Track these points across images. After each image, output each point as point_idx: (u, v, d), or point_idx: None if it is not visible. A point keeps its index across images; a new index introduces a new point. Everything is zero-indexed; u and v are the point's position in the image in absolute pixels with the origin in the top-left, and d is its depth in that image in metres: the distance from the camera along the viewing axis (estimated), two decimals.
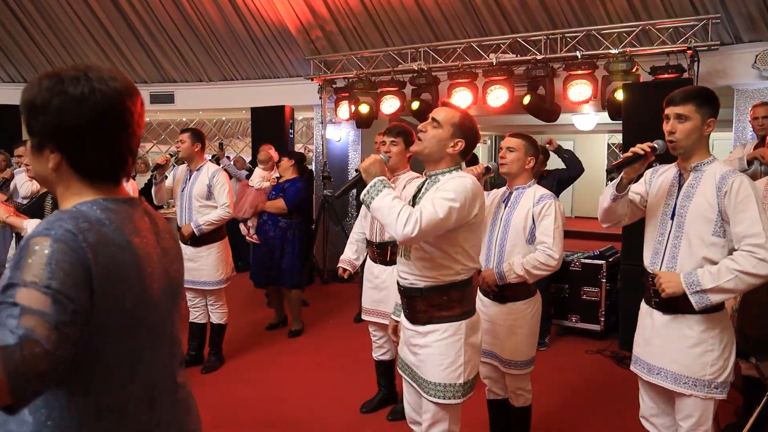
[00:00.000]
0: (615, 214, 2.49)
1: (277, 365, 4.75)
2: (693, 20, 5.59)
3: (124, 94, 1.17)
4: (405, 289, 2.39)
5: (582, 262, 5.42)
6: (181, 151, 4.40)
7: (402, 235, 2.07)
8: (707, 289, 2.17)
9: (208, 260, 4.42)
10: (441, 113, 2.33)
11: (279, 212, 5.37)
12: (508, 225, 2.98)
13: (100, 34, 8.38)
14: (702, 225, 2.24)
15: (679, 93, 2.30)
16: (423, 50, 6.78)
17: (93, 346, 1.07)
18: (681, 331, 2.29)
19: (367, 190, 2.18)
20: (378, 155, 2.28)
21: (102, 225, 1.12)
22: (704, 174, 2.29)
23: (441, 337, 2.30)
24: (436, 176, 2.35)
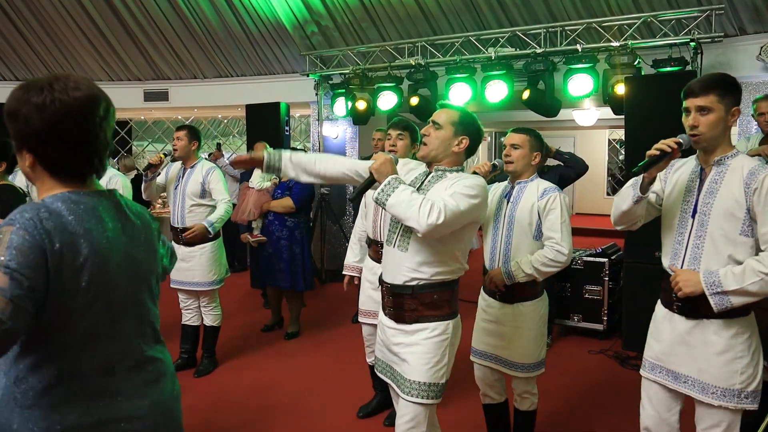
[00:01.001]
0: (634, 216, 2.33)
1: (272, 369, 4.64)
2: (696, 11, 5.46)
3: (84, 102, 1.31)
4: (393, 287, 2.31)
5: (584, 260, 5.29)
6: (178, 149, 4.29)
7: (426, 225, 2.03)
8: (729, 291, 2.00)
9: (201, 260, 4.30)
10: (441, 115, 2.33)
11: (286, 211, 5.21)
12: (513, 221, 2.87)
13: (92, 32, 8.25)
14: (727, 223, 2.07)
15: (698, 83, 2.13)
16: (420, 45, 6.65)
17: (53, 319, 1.25)
18: (706, 338, 2.12)
19: (382, 189, 2.12)
20: (388, 155, 2.22)
21: (61, 215, 1.28)
22: (728, 168, 2.12)
23: (429, 336, 2.25)
24: (444, 172, 2.33)
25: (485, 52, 6.27)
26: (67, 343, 1.29)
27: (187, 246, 4.31)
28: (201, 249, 4.31)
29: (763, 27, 5.66)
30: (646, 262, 4.86)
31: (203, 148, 10.94)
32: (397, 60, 6.77)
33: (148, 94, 8.97)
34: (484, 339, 2.98)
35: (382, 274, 2.40)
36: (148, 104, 9.08)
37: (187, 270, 4.31)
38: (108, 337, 1.34)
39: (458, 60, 6.37)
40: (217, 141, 9.57)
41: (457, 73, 6.35)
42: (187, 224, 4.27)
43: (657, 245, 4.90)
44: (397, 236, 2.31)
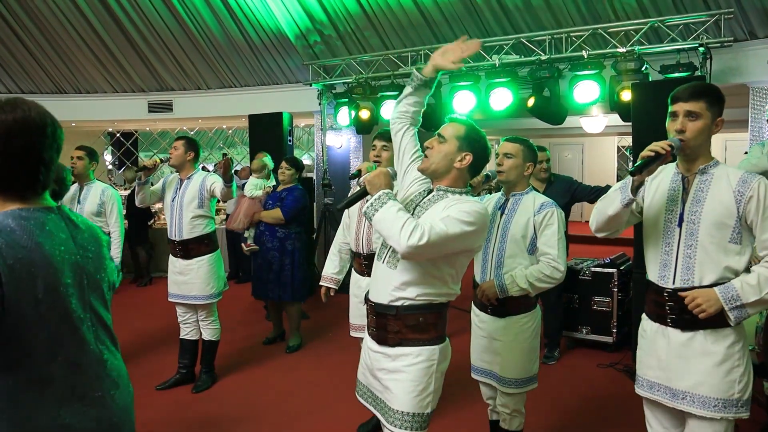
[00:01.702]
0: (620, 221, 2.26)
1: (272, 384, 4.53)
2: (704, 16, 5.35)
3: (28, 123, 1.39)
4: (377, 306, 2.19)
5: (592, 271, 5.16)
6: (173, 158, 4.24)
7: (406, 246, 1.91)
8: (748, 303, 2.01)
9: (199, 273, 4.22)
10: (447, 129, 2.22)
11: (276, 222, 5.15)
12: (506, 234, 2.80)
13: (96, 44, 8.25)
14: (718, 231, 2.06)
15: (687, 88, 2.11)
16: (424, 53, 6.57)
17: (13, 330, 1.32)
18: (706, 349, 2.08)
19: (371, 203, 2.03)
20: (385, 168, 2.14)
21: (12, 231, 1.35)
22: (713, 177, 2.12)
23: (413, 362, 2.12)
24: (446, 192, 2.20)
25: (489, 59, 6.19)
26: (32, 349, 1.36)
27: (184, 259, 4.23)
28: (198, 262, 4.23)
29: None
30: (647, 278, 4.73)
31: (209, 159, 10.94)
32: (400, 68, 6.69)
33: (153, 105, 8.95)
34: (481, 355, 2.90)
35: (368, 291, 2.30)
36: (152, 115, 9.06)
37: (184, 283, 4.23)
38: (70, 343, 1.42)
39: (462, 67, 6.28)
40: (222, 152, 9.52)
41: (461, 80, 6.27)
42: (184, 236, 4.20)
43: None
44: (388, 252, 2.21)
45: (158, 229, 8.29)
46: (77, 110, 9.15)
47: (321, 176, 7.70)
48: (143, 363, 4.99)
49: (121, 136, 10.70)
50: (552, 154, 14.90)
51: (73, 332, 1.43)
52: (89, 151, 4.55)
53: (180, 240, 4.22)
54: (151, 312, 6.54)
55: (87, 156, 4.48)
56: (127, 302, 7.29)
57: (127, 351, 5.26)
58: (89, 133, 10.52)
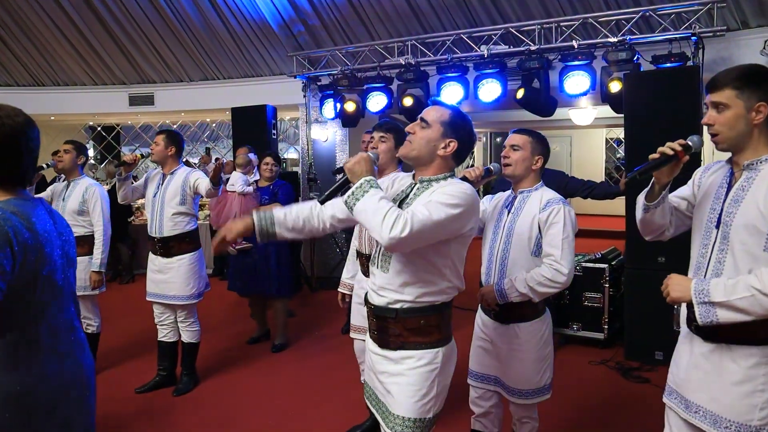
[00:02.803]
0: (653, 225, 2.08)
1: (258, 385, 4.39)
2: (697, 4, 5.24)
3: (25, 125, 1.68)
4: (376, 308, 2.08)
5: (583, 266, 5.06)
6: (154, 153, 4.09)
7: (388, 238, 1.77)
8: (716, 302, 1.77)
9: (179, 272, 4.07)
10: (430, 113, 2.07)
11: None
12: (511, 234, 2.62)
13: (75, 36, 8.02)
14: (750, 237, 1.80)
15: (715, 77, 1.89)
16: (411, 43, 6.43)
17: (18, 299, 1.61)
18: (723, 364, 1.86)
19: (352, 192, 1.88)
20: (365, 153, 1.98)
21: (14, 216, 1.61)
22: (759, 174, 1.84)
23: (415, 365, 2.01)
24: (429, 182, 2.06)
25: (478, 50, 6.06)
26: (28, 314, 1.64)
27: (164, 257, 4.08)
28: (179, 260, 4.08)
29: (766, 20, 5.45)
30: (649, 267, 4.64)
31: (193, 153, 10.73)
32: (387, 59, 6.54)
33: (133, 98, 8.74)
34: (480, 360, 2.75)
35: (367, 293, 2.17)
36: (133, 109, 8.85)
37: (164, 282, 4.08)
38: (56, 308, 1.70)
39: (450, 58, 6.14)
40: (206, 146, 9.33)
41: (448, 72, 6.14)
42: (165, 233, 4.04)
43: (660, 250, 4.65)
44: (378, 255, 2.09)
45: (139, 225, 8.10)
46: (56, 103, 8.92)
47: (306, 170, 7.53)
48: (125, 363, 4.85)
49: (102, 130, 10.45)
50: None
51: (57, 302, 1.71)
52: (77, 145, 4.38)
53: (161, 237, 4.06)
54: (134, 310, 6.35)
55: (75, 150, 4.31)
56: (109, 301, 7.10)
57: (108, 351, 5.13)
58: (69, 127, 10.28)
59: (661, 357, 4.58)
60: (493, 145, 15.36)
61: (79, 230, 4.23)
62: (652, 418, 3.78)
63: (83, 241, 4.27)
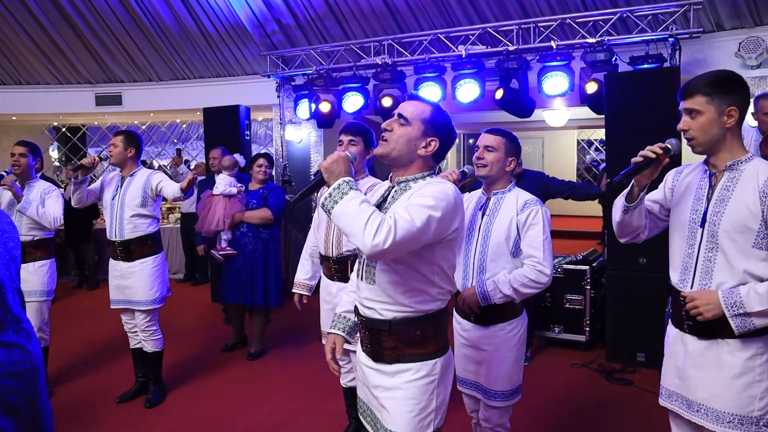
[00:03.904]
0: (630, 227, 2.14)
1: (233, 395, 4.24)
2: (673, 6, 5.24)
3: None
4: (368, 320, 1.97)
5: (564, 268, 5.01)
6: (113, 155, 3.90)
7: (371, 247, 1.66)
8: (753, 313, 1.82)
9: (141, 276, 3.90)
10: (409, 108, 1.94)
11: (264, 223, 4.82)
12: (488, 236, 2.57)
13: (38, 32, 7.71)
14: (740, 235, 1.88)
15: (687, 84, 1.97)
16: (387, 43, 6.32)
17: None
18: (721, 360, 1.92)
19: (329, 193, 1.75)
20: (343, 152, 1.86)
21: None
22: (742, 174, 1.93)
23: (412, 378, 1.90)
24: (407, 183, 1.95)
25: (455, 50, 5.98)
26: None
27: (126, 261, 3.91)
28: (141, 264, 3.91)
29: (740, 22, 5.49)
30: (630, 269, 4.63)
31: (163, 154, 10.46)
32: (363, 59, 6.43)
33: (100, 98, 8.46)
34: (464, 365, 2.68)
35: (356, 306, 2.06)
36: (100, 109, 8.57)
37: (126, 288, 3.92)
38: (11, 301, 1.73)
39: (427, 59, 6.06)
40: (177, 148, 9.08)
41: (425, 72, 6.05)
42: (125, 236, 3.87)
43: (641, 251, 4.62)
44: (363, 266, 1.97)
45: (101, 228, 7.84)
46: (18, 103, 8.59)
47: (281, 173, 7.37)
48: (102, 373, 4.68)
49: (67, 131, 10.12)
50: None
51: (12, 293, 1.76)
52: (32, 146, 4.18)
53: (121, 241, 3.89)
54: (102, 317, 6.11)
55: (31, 152, 4.12)
56: (77, 308, 6.85)
57: (80, 360, 4.92)
58: (32, 128, 9.91)
59: (643, 358, 4.57)
60: (467, 147, 15.35)
61: (38, 233, 4.04)
62: (636, 420, 3.76)
63: (41, 245, 4.07)
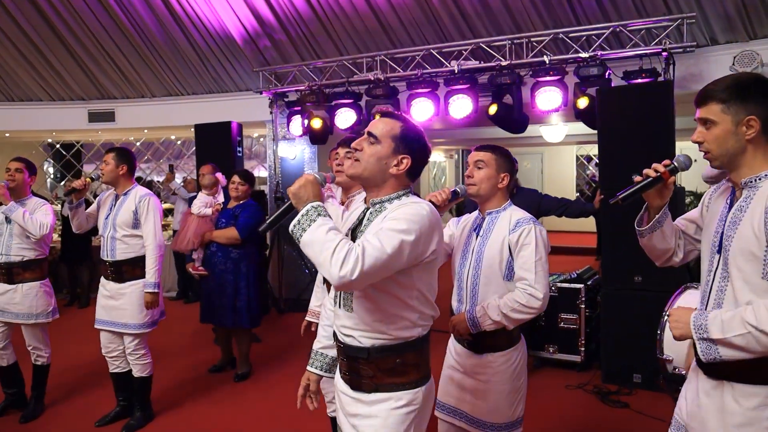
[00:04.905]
0: (654, 251, 1.93)
1: (219, 419, 4.11)
2: (666, 20, 5.19)
3: None
4: (346, 348, 1.88)
5: (558, 287, 4.90)
6: (104, 174, 3.80)
7: (338, 279, 1.58)
8: (715, 339, 1.60)
9: (131, 298, 3.77)
10: (378, 126, 1.87)
11: (231, 242, 4.70)
12: (481, 259, 2.44)
13: (29, 49, 7.68)
14: (747, 264, 1.62)
15: (702, 90, 1.74)
16: (380, 59, 6.27)
17: None
18: (724, 404, 1.68)
19: (298, 220, 1.67)
20: (311, 174, 1.78)
21: None
22: (757, 193, 1.65)
23: (392, 407, 1.81)
24: (382, 204, 1.87)
25: (448, 65, 5.93)
26: None
27: (117, 282, 3.80)
28: (132, 286, 3.79)
29: (735, 36, 5.43)
30: (626, 287, 4.52)
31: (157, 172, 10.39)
32: (356, 75, 6.37)
33: (93, 114, 8.41)
34: (449, 390, 2.55)
35: (335, 331, 1.96)
36: (93, 125, 8.52)
37: (114, 309, 3.79)
38: None
39: (420, 74, 6.00)
40: (169, 164, 9.02)
41: (418, 87, 5.99)
42: (117, 257, 3.77)
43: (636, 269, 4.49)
44: (339, 293, 1.88)
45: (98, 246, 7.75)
46: (11, 120, 8.56)
47: (274, 189, 7.30)
48: (85, 394, 4.57)
49: (61, 148, 10.07)
50: None
51: None
52: (28, 163, 4.11)
53: (113, 261, 3.78)
54: (91, 337, 5.97)
55: (27, 168, 4.05)
56: (66, 326, 6.73)
57: (64, 380, 4.79)
58: (26, 145, 9.88)
59: (639, 380, 4.44)
60: (465, 164, 15.28)
61: (29, 253, 3.96)
62: None
63: (29, 266, 4.00)
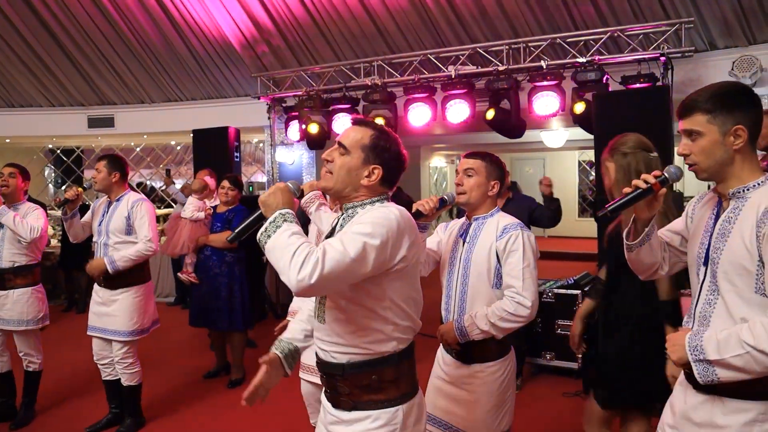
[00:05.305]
0: (641, 265, 1.86)
1: (210, 425, 4.08)
2: (664, 25, 5.16)
3: None
4: (323, 364, 1.82)
5: (555, 293, 4.85)
6: (97, 182, 3.79)
7: (296, 283, 1.49)
8: (712, 361, 1.54)
9: (123, 305, 3.74)
10: (348, 135, 1.80)
11: (226, 246, 4.70)
12: (468, 266, 2.39)
13: (29, 56, 7.71)
14: (739, 278, 1.57)
15: (686, 100, 1.68)
16: (377, 64, 6.26)
17: None
18: (714, 419, 1.63)
19: (265, 227, 1.60)
20: (282, 183, 1.73)
21: None
22: (746, 204, 1.61)
23: (369, 427, 1.73)
24: (354, 209, 1.81)
25: (445, 70, 5.91)
26: None
27: (109, 289, 3.77)
28: (124, 293, 3.76)
29: (733, 41, 5.40)
30: None
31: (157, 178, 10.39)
32: (353, 80, 6.36)
33: (93, 120, 8.42)
34: (436, 401, 2.49)
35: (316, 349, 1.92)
36: (93, 131, 8.53)
37: (106, 315, 3.76)
38: None
39: (416, 79, 5.99)
40: (167, 168, 9.02)
41: (415, 93, 5.98)
42: None
43: None
44: (316, 303, 1.84)
45: None
46: (11, 125, 8.58)
47: None
48: (78, 400, 4.53)
49: (61, 153, 10.09)
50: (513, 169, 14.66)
51: None
52: (21, 168, 4.11)
53: None
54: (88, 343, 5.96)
55: (21, 174, 4.05)
56: (63, 332, 6.72)
57: (58, 386, 4.75)
58: (27, 150, 9.89)
59: None
60: None
61: (20, 259, 3.94)
62: None
63: (21, 272, 3.98)
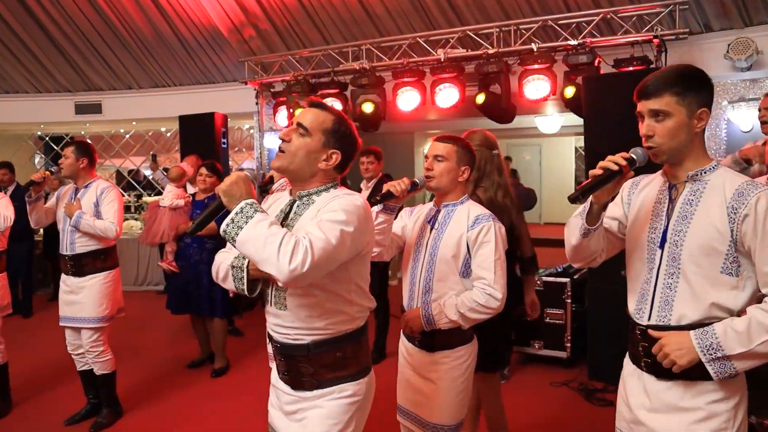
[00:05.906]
0: (587, 251, 1.83)
1: (192, 417, 4.00)
2: (658, 6, 5.02)
3: None
4: (283, 347, 1.79)
5: (544, 281, 4.76)
6: (64, 167, 3.67)
7: (288, 273, 1.50)
8: (733, 355, 1.53)
9: (91, 291, 3.66)
10: (308, 116, 1.79)
11: (209, 233, 4.60)
12: (435, 253, 2.32)
13: (14, 43, 7.56)
14: (706, 258, 1.60)
15: (651, 81, 1.66)
16: (366, 48, 6.13)
17: None
18: (683, 403, 1.63)
19: (232, 219, 1.56)
20: (242, 172, 1.69)
21: None
22: (707, 186, 1.64)
23: (336, 396, 1.77)
24: (309, 196, 1.80)
25: (434, 53, 5.78)
26: None
27: (76, 276, 3.68)
28: (92, 279, 3.67)
29: (729, 23, 5.26)
30: (613, 282, 4.35)
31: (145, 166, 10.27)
32: (341, 64, 6.23)
33: (80, 106, 8.29)
34: (406, 393, 2.44)
35: (269, 332, 1.86)
36: (80, 117, 8.40)
37: (75, 303, 3.68)
38: None
39: (405, 63, 5.86)
40: (152, 153, 8.92)
41: (404, 77, 5.85)
42: (77, 250, 3.65)
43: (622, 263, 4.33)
44: (271, 291, 1.79)
45: None
46: None
47: (260, 180, 7.17)
48: (56, 391, 4.46)
49: (50, 140, 9.97)
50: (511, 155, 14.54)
51: None
52: None
53: (72, 255, 3.67)
54: None
55: None
56: (46, 322, 6.64)
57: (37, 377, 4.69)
58: (16, 137, 9.77)
59: None
60: None
61: None
62: None
63: None
